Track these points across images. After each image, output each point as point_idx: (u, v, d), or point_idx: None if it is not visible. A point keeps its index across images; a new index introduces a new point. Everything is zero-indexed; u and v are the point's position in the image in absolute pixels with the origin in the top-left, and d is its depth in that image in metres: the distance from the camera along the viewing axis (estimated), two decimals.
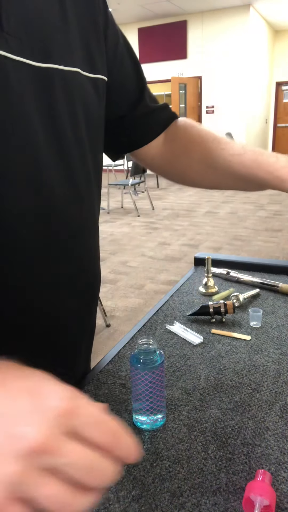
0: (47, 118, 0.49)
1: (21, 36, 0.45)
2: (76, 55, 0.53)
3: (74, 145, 0.54)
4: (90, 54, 0.56)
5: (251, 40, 9.12)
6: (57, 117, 0.50)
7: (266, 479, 0.42)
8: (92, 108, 0.57)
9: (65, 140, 0.52)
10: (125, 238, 4.90)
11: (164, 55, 9.91)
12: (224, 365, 0.66)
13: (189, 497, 0.42)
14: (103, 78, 0.59)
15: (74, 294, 0.57)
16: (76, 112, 0.53)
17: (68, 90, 0.51)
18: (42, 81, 0.47)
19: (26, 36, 0.45)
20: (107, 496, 0.43)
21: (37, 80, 0.47)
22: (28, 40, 0.45)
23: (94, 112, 0.58)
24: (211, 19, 9.19)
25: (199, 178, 0.72)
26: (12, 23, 0.44)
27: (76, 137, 0.54)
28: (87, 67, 0.55)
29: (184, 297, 0.92)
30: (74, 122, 0.53)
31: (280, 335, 0.74)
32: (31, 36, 0.46)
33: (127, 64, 0.65)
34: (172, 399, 0.58)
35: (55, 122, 0.50)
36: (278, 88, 11.57)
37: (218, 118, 9.87)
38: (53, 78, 0.49)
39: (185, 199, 7.29)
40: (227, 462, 0.47)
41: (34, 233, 0.48)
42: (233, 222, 5.54)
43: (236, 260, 1.07)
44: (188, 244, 4.62)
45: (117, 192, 8.01)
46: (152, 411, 0.50)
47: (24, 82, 0.45)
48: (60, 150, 0.51)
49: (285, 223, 5.43)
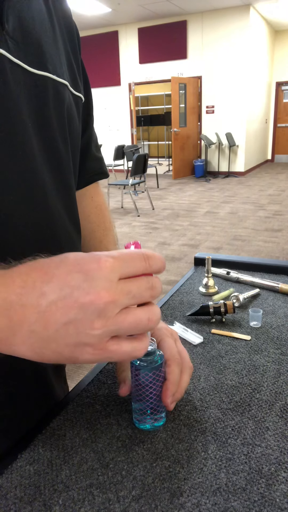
0: (40, 126, 0.48)
1: (18, 40, 0.45)
2: (64, 69, 0.54)
3: (65, 158, 0.54)
4: (73, 73, 0.58)
5: (251, 40, 9.12)
6: (49, 128, 0.50)
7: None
8: (75, 125, 0.57)
9: (58, 152, 0.52)
10: (125, 238, 4.90)
11: (164, 55, 9.92)
12: (224, 365, 0.66)
13: (189, 497, 0.42)
14: (82, 97, 0.61)
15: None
16: (65, 124, 0.53)
17: (59, 101, 0.51)
18: (36, 88, 0.47)
19: (22, 41, 0.45)
20: (107, 496, 0.43)
21: (31, 86, 0.46)
22: (24, 45, 0.46)
23: (77, 130, 0.58)
24: (211, 19, 9.19)
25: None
26: (10, 26, 0.44)
27: (66, 150, 0.54)
28: (71, 84, 0.56)
29: (184, 297, 0.92)
30: (63, 133, 0.53)
31: (280, 335, 0.74)
32: (27, 42, 0.46)
33: (86, 91, 0.66)
34: None
35: (47, 130, 0.50)
36: (278, 88, 11.57)
37: (218, 118, 9.87)
38: (47, 86, 0.49)
39: (185, 199, 7.29)
40: (227, 462, 0.47)
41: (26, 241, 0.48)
42: (233, 222, 5.54)
43: (236, 260, 1.07)
44: (188, 244, 4.62)
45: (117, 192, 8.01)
46: (152, 411, 0.50)
47: (19, 86, 0.45)
48: (52, 160, 0.51)
49: (285, 223, 5.43)
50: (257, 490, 0.43)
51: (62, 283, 0.33)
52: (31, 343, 0.34)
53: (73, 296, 0.33)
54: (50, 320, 0.33)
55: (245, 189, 8.04)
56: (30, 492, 0.43)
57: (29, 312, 0.33)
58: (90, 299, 0.33)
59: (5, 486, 0.44)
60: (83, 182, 0.70)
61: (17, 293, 0.33)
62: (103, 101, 11.00)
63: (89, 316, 0.33)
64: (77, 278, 0.33)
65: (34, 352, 0.35)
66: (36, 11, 0.49)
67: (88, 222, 0.70)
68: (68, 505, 0.41)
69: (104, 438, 0.50)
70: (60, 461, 0.47)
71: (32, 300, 0.33)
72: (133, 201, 6.50)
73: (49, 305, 0.33)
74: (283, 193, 7.47)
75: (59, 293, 0.33)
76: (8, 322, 0.33)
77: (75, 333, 0.33)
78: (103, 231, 0.71)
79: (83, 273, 0.33)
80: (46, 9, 0.52)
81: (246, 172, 10.20)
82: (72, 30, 0.59)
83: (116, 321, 0.34)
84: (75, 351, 0.34)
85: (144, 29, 9.86)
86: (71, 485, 0.44)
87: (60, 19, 0.55)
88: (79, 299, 0.33)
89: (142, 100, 13.43)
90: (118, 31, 10.23)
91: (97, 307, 0.33)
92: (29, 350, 0.35)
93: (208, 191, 7.99)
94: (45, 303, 0.33)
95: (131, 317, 0.35)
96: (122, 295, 0.34)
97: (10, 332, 0.33)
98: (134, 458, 0.47)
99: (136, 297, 0.35)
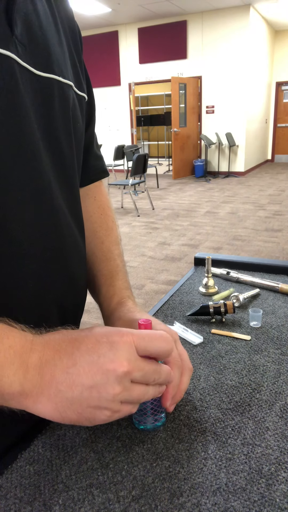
0: (47, 129, 0.49)
1: (26, 44, 0.46)
2: (69, 70, 0.55)
3: (69, 158, 0.55)
4: (77, 73, 0.58)
5: (251, 40, 9.12)
6: (55, 129, 0.51)
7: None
8: (79, 125, 0.58)
9: (62, 153, 0.53)
10: (125, 238, 4.90)
11: (164, 55, 9.91)
12: (224, 365, 0.66)
13: (189, 497, 0.42)
14: (85, 97, 0.61)
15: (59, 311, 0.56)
16: (70, 126, 0.54)
17: (65, 102, 0.52)
18: (43, 90, 0.48)
19: (29, 45, 0.46)
20: (107, 496, 0.43)
21: (38, 88, 0.47)
22: (31, 48, 0.46)
23: (81, 129, 0.59)
24: (211, 19, 9.19)
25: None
26: (19, 30, 0.45)
27: (70, 150, 0.55)
28: (75, 84, 0.57)
29: (184, 297, 0.92)
30: (68, 134, 0.54)
31: (280, 335, 0.74)
32: (34, 45, 0.47)
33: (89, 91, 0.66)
34: None
35: (52, 131, 0.51)
36: (278, 88, 11.57)
37: (218, 118, 9.87)
38: (52, 88, 0.50)
39: (185, 199, 7.29)
40: (227, 462, 0.47)
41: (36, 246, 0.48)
42: (233, 222, 5.54)
43: (236, 260, 1.07)
44: (188, 244, 4.62)
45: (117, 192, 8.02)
46: (152, 411, 0.50)
47: (27, 88, 0.46)
48: (57, 160, 0.52)
49: (285, 223, 5.43)
50: (257, 490, 0.43)
51: (90, 350, 0.38)
52: (56, 402, 0.37)
53: (99, 362, 0.37)
54: (76, 381, 0.37)
55: (245, 189, 8.04)
56: (30, 492, 0.43)
57: (59, 372, 0.37)
58: (113, 367, 0.37)
59: (5, 486, 0.44)
60: (86, 180, 0.70)
61: (51, 354, 0.38)
62: (103, 101, 11.00)
63: (111, 382, 0.37)
64: (104, 347, 0.38)
65: (57, 411, 0.38)
66: (41, 13, 0.49)
67: (91, 222, 0.70)
68: (68, 505, 0.41)
69: (104, 438, 0.50)
70: (60, 461, 0.47)
71: (63, 362, 0.37)
72: (133, 201, 6.50)
73: (78, 368, 0.37)
74: (283, 193, 7.47)
75: (87, 358, 0.37)
76: (40, 379, 0.36)
77: (97, 397, 0.37)
78: (105, 231, 0.71)
79: (109, 343, 0.38)
80: (50, 10, 0.52)
81: (246, 172, 10.20)
82: (75, 30, 0.60)
83: (129, 390, 0.39)
84: (95, 413, 0.38)
85: (144, 29, 9.85)
86: (71, 485, 0.44)
87: (63, 19, 0.56)
88: (104, 365, 0.37)
89: (142, 100, 13.43)
90: (118, 31, 10.23)
91: (118, 374, 0.37)
92: (53, 409, 0.38)
93: (208, 191, 7.99)
94: (74, 366, 0.37)
95: (137, 390, 0.40)
96: (137, 370, 0.39)
97: (40, 389, 0.37)
98: (134, 458, 0.47)
99: (145, 376, 0.40)
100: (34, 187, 0.47)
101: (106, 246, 0.69)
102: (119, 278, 0.66)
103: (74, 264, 0.57)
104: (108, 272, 0.66)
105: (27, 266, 0.47)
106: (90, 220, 0.70)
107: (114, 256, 0.68)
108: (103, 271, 0.66)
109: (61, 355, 0.37)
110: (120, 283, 0.65)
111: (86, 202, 0.70)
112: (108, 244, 0.70)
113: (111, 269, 0.66)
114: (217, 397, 0.58)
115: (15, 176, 0.45)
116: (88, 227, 0.69)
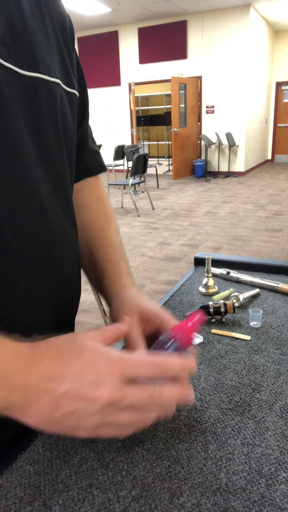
0: (33, 129, 0.49)
1: (9, 44, 0.45)
2: (56, 68, 0.54)
3: (59, 156, 0.54)
4: (66, 69, 0.57)
5: (251, 40, 9.12)
6: (42, 128, 0.50)
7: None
8: (69, 122, 0.57)
9: (51, 151, 0.52)
10: (125, 238, 4.90)
11: (164, 55, 9.91)
12: (224, 365, 0.66)
13: (189, 497, 0.42)
14: (76, 94, 0.60)
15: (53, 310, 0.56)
16: (58, 124, 0.54)
17: (52, 100, 0.52)
18: (28, 89, 0.47)
19: (13, 44, 0.45)
20: (107, 496, 0.43)
21: (23, 88, 0.47)
22: (15, 48, 0.45)
23: (71, 127, 0.58)
24: (211, 19, 9.19)
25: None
26: (1, 30, 0.44)
27: (60, 148, 0.54)
28: (64, 81, 0.56)
29: (184, 297, 0.92)
30: (56, 132, 0.53)
31: (280, 335, 0.74)
32: (18, 45, 0.46)
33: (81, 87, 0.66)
34: None
35: (41, 133, 0.50)
36: (278, 88, 11.57)
37: (218, 118, 9.87)
38: (38, 87, 0.49)
39: (185, 199, 7.29)
40: (227, 462, 0.47)
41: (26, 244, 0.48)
42: (233, 222, 5.54)
43: (236, 260, 1.07)
44: (188, 244, 4.62)
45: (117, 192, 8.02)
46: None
47: (12, 89, 0.45)
48: (46, 159, 0.52)
49: (285, 223, 5.43)
50: (257, 490, 0.43)
51: (76, 377, 0.39)
52: (39, 419, 0.39)
53: (82, 391, 0.39)
54: (58, 406, 0.38)
55: (245, 189, 8.04)
56: (30, 492, 0.43)
57: (43, 397, 0.38)
58: (95, 397, 0.38)
59: (5, 486, 0.44)
60: (82, 174, 0.70)
61: (38, 378, 0.38)
62: (103, 101, 11.00)
63: (92, 409, 0.39)
64: (89, 377, 0.39)
65: (40, 426, 0.40)
66: (25, 10, 0.48)
67: (89, 212, 0.70)
68: (68, 505, 0.41)
69: (104, 438, 0.50)
70: (60, 461, 0.47)
71: (49, 387, 0.38)
72: (133, 201, 6.50)
73: (62, 395, 0.38)
74: (283, 193, 7.47)
75: (72, 385, 0.39)
76: (24, 399, 0.38)
77: (76, 419, 0.39)
78: (104, 220, 0.71)
79: (95, 374, 0.39)
80: (36, 6, 0.51)
81: (246, 172, 10.19)
82: (65, 25, 0.58)
83: (112, 417, 0.40)
84: (73, 431, 0.40)
85: (144, 29, 9.85)
86: (71, 485, 0.44)
87: (52, 14, 0.54)
88: (87, 394, 0.38)
89: (142, 100, 13.43)
90: (118, 31, 10.23)
91: (99, 404, 0.38)
92: (36, 424, 0.40)
93: (208, 191, 7.99)
94: (59, 392, 0.38)
95: (125, 416, 0.40)
96: (122, 399, 0.39)
97: (25, 406, 0.39)
98: (134, 458, 0.47)
99: (133, 406, 0.40)
100: (21, 187, 0.47)
101: (108, 234, 0.70)
102: (123, 265, 0.67)
103: (67, 262, 0.58)
104: (112, 257, 0.67)
105: (18, 263, 0.48)
106: (89, 210, 0.70)
107: (117, 244, 0.69)
108: (106, 255, 0.67)
109: (48, 380, 0.39)
110: (124, 269, 0.66)
111: (84, 193, 0.70)
112: (110, 232, 0.70)
113: (115, 255, 0.67)
114: (217, 397, 0.58)
115: (1, 176, 0.44)
116: (87, 217, 0.69)
